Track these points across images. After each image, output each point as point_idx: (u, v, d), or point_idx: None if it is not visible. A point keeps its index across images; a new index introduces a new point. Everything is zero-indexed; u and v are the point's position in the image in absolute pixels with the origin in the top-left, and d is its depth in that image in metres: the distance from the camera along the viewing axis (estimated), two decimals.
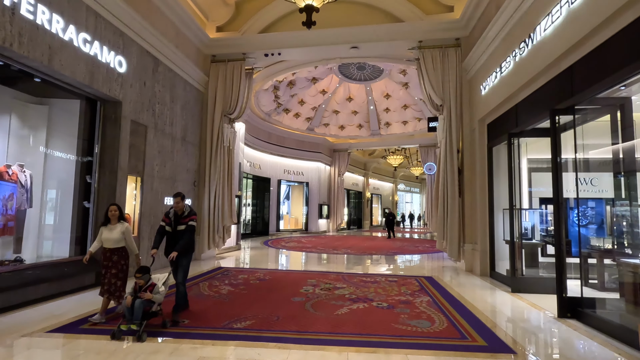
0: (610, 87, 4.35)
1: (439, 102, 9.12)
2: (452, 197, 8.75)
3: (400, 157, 27.86)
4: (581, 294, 4.90)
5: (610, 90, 4.55)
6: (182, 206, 4.78)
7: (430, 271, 8.69)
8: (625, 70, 3.89)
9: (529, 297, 6.00)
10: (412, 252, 12.44)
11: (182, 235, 4.64)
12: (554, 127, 5.00)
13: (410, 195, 42.73)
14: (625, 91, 4.67)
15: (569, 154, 5.41)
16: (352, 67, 17.01)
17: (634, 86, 4.52)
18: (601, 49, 4.30)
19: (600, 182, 7.49)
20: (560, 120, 5.01)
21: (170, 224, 4.75)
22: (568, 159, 5.34)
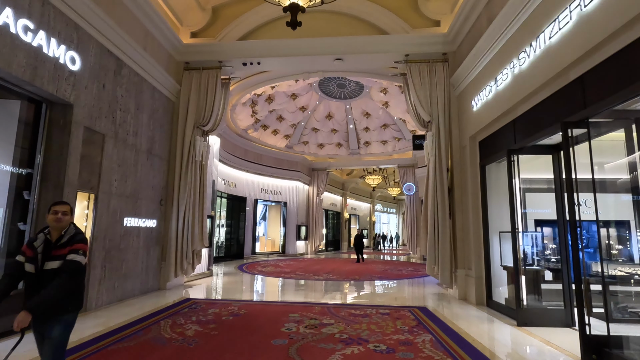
0: (632, 97, 3.89)
1: (427, 118, 8.67)
2: (443, 218, 8.17)
3: (378, 177, 27.56)
4: (607, 331, 4.28)
5: (631, 101, 4.11)
6: (66, 224, 2.72)
7: (422, 299, 7.98)
8: None
9: (538, 331, 5.37)
10: (396, 277, 11.73)
11: (54, 278, 2.54)
12: (566, 141, 4.50)
13: (387, 216, 42.48)
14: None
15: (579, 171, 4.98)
16: (333, 85, 16.62)
17: None
18: (621, 55, 3.87)
19: (606, 203, 7.04)
20: (572, 133, 4.51)
21: (35, 258, 2.63)
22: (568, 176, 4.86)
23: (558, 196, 5.96)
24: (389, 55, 9.00)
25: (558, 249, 7.36)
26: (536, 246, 7.03)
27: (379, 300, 7.83)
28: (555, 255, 7.56)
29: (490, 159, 7.32)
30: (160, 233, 8.48)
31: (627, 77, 3.82)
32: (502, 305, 6.75)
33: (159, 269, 8.36)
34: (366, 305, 7.14)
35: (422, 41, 8.83)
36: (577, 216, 4.43)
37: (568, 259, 5.86)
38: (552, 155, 6.06)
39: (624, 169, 6.43)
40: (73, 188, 5.47)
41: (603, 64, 4.14)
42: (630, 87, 3.76)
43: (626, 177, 7.25)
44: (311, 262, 16.19)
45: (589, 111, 4.38)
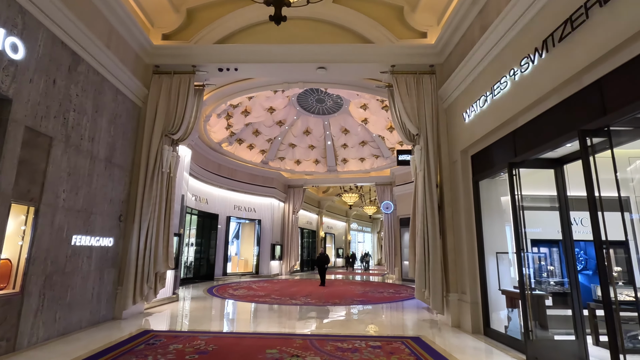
0: None
1: (415, 131, 8.21)
2: (434, 237, 7.61)
3: (355, 195, 27.11)
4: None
5: None
6: None
7: (412, 327, 7.29)
8: None
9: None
10: (379, 300, 11.01)
11: None
12: (585, 151, 4.04)
13: (362, 235, 41.99)
14: None
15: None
16: (311, 99, 16.15)
17: None
18: None
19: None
20: (592, 142, 4.07)
21: None
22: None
23: (563, 214, 5.52)
24: (374, 65, 8.57)
25: (562, 272, 6.90)
26: (540, 269, 6.57)
27: (367, 330, 7.07)
28: (553, 277, 7.13)
29: (484, 174, 6.88)
30: (118, 253, 7.43)
31: None
32: (502, 334, 6.16)
33: (114, 296, 7.27)
34: (354, 336, 6.36)
35: (408, 52, 8.47)
36: (602, 236, 3.92)
37: (577, 282, 5.37)
38: (555, 169, 5.66)
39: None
40: (5, 198, 4.48)
41: (627, 65, 3.75)
42: None
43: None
44: (287, 284, 15.22)
45: (609, 118, 3.96)
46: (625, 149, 7.86)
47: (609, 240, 7.56)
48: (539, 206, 6.75)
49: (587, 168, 4.03)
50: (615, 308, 3.92)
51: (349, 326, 7.28)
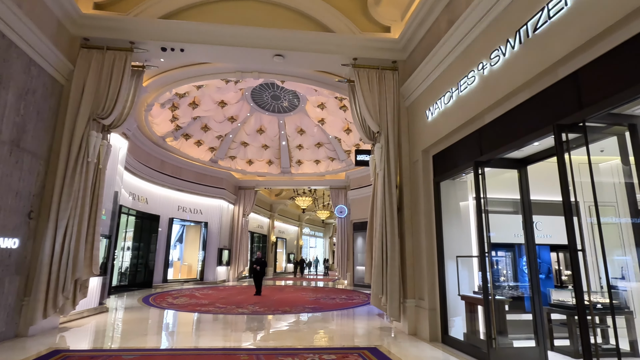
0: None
1: (376, 129, 7.80)
2: (392, 241, 7.21)
3: (309, 199, 26.59)
4: None
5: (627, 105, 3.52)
6: None
7: (368, 337, 6.79)
8: None
9: None
10: (332, 307, 10.46)
11: None
12: (561, 147, 3.77)
13: (314, 240, 41.55)
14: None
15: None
16: (267, 96, 15.40)
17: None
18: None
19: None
20: (568, 137, 3.81)
21: None
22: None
23: (527, 217, 5.31)
24: (335, 57, 8.07)
25: (516, 276, 6.76)
26: (498, 274, 6.37)
27: (320, 341, 6.45)
28: (508, 282, 6.98)
29: (446, 175, 6.60)
30: (25, 258, 6.18)
31: (635, 72, 3.20)
32: (461, 342, 5.85)
33: (18, 309, 6.01)
34: (306, 349, 5.70)
35: (371, 45, 8.08)
36: (577, 239, 3.63)
37: (539, 287, 5.16)
38: (519, 170, 5.47)
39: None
40: None
41: (606, 56, 3.52)
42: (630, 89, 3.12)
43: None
44: (234, 291, 14.21)
45: (585, 113, 3.72)
46: (575, 155, 8.07)
47: (561, 244, 7.60)
48: (495, 210, 6.59)
49: (563, 165, 3.75)
50: (589, 312, 3.65)
51: (301, 337, 6.62)
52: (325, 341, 6.44)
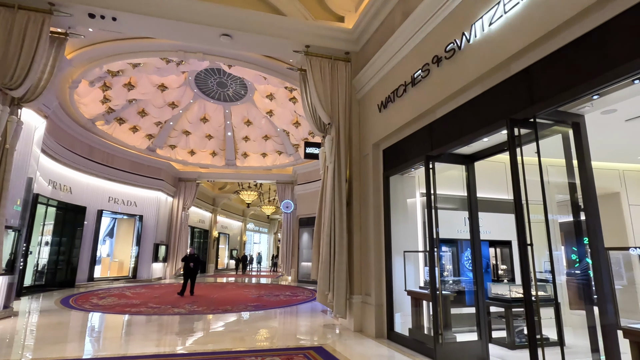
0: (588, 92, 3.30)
1: (327, 121, 7.56)
2: (341, 236, 7.02)
3: (254, 193, 25.87)
4: None
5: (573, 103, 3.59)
6: None
7: (313, 335, 6.53)
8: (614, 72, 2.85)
9: None
10: (275, 304, 10.09)
11: None
12: (513, 141, 3.75)
13: (259, 236, 40.76)
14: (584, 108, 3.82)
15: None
16: (212, 82, 14.54)
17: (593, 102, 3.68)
18: (578, 45, 3.29)
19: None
20: (520, 132, 3.80)
21: None
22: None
23: (473, 213, 5.36)
24: (287, 42, 7.66)
25: (458, 271, 6.88)
26: (442, 269, 6.42)
27: (263, 342, 6.07)
28: (451, 276, 7.12)
29: (396, 169, 6.52)
30: None
31: (584, 70, 3.24)
32: (406, 338, 5.80)
33: None
34: (247, 351, 5.30)
35: (325, 33, 7.79)
36: (527, 235, 3.62)
37: (482, 282, 5.24)
38: (467, 165, 5.51)
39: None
40: None
41: (557, 53, 3.55)
42: (589, 82, 3.16)
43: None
44: (170, 289, 13.26)
45: (536, 108, 3.73)
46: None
47: (498, 240, 7.89)
48: (440, 206, 6.67)
49: (514, 160, 3.73)
50: (536, 305, 3.68)
51: (242, 338, 6.18)
52: (269, 342, 6.07)
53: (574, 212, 3.87)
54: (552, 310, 6.20)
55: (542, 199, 3.66)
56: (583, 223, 3.78)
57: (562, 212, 4.93)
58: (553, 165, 4.20)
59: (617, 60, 3.02)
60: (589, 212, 3.69)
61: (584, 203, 3.75)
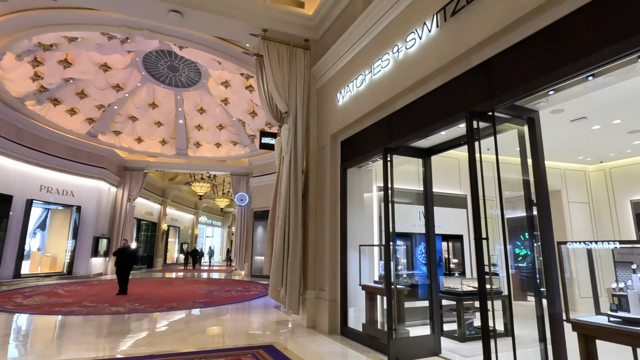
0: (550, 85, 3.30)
1: (284, 109, 7.24)
2: (295, 229, 6.77)
3: (207, 185, 24.87)
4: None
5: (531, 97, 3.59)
6: None
7: (263, 332, 6.25)
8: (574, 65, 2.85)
9: None
10: (226, 301, 9.67)
11: None
12: (472, 134, 3.69)
13: (211, 229, 39.52)
14: (539, 103, 3.85)
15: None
16: (162, 65, 13.62)
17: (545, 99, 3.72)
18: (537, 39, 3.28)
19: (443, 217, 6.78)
20: (479, 125, 3.75)
21: None
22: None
23: (429, 206, 5.34)
24: (243, 23, 7.21)
25: (412, 265, 6.89)
26: (401, 262, 6.38)
27: (209, 341, 5.69)
28: (405, 270, 7.14)
29: (354, 161, 6.37)
30: None
31: (543, 63, 3.23)
32: (360, 333, 5.70)
33: None
34: (191, 353, 4.90)
35: (283, 18, 7.43)
36: (483, 229, 3.58)
37: (436, 276, 5.23)
38: (424, 159, 5.47)
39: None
40: None
41: (518, 45, 3.52)
42: (550, 74, 3.14)
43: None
44: (110, 286, 12.31)
45: (494, 102, 3.70)
46: (464, 152, 8.68)
47: (450, 234, 8.04)
48: (396, 200, 6.64)
49: (472, 153, 3.68)
50: (491, 298, 3.66)
51: (187, 338, 5.75)
52: (216, 341, 5.69)
53: (526, 207, 3.90)
54: (500, 302, 6.40)
55: (498, 193, 3.63)
56: (535, 218, 3.82)
57: (511, 206, 5.03)
58: (507, 162, 4.22)
59: (575, 55, 3.02)
60: (541, 207, 3.72)
61: (537, 198, 3.78)
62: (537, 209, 3.78)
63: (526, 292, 7.07)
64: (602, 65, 2.88)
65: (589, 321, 2.88)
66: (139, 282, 14.01)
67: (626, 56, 2.75)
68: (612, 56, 2.78)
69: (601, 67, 2.89)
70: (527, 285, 6.68)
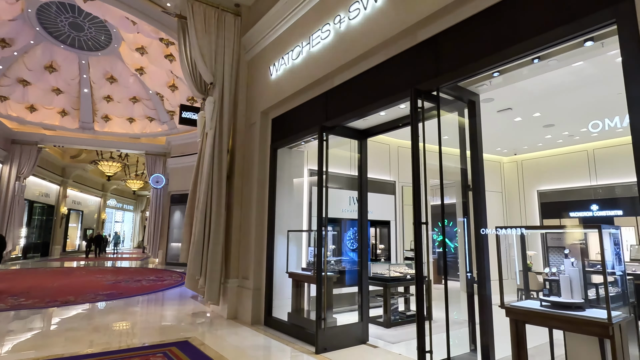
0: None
1: (209, 79, 6.50)
2: (218, 213, 6.16)
3: (117, 164, 22.34)
4: (448, 353, 3.39)
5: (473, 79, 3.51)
6: None
7: (178, 327, 5.58)
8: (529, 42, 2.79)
9: (340, 358, 4.18)
10: (135, 292, 8.64)
11: None
12: (416, 113, 3.49)
13: (122, 214, 36.07)
14: (478, 87, 3.80)
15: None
16: (63, 21, 11.59)
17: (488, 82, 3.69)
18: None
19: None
20: (423, 104, 3.56)
21: None
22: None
23: (363, 191, 5.14)
24: None
25: (345, 251, 6.75)
26: (330, 248, 6.12)
27: (111, 340, 4.87)
28: (333, 256, 6.96)
29: (285, 141, 5.93)
30: None
31: (491, 42, 3.13)
32: (285, 323, 5.36)
33: None
34: (88, 356, 4.10)
35: None
36: (423, 214, 3.42)
37: (367, 263, 5.08)
38: (360, 141, 5.24)
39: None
40: None
41: (467, 22, 3.37)
42: (504, 51, 3.05)
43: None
44: None
45: (440, 80, 3.54)
46: (395, 138, 8.76)
47: (378, 220, 8.05)
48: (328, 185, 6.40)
49: (416, 134, 3.48)
50: (427, 284, 3.54)
51: (83, 338, 4.86)
52: (119, 340, 4.90)
53: (462, 193, 3.85)
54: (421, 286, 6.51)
55: (439, 176, 3.51)
56: (469, 203, 3.78)
57: (445, 192, 5.06)
58: (444, 150, 4.15)
59: (523, 35, 2.93)
60: (477, 191, 3.69)
61: (473, 182, 3.75)
62: (473, 193, 3.75)
63: (446, 276, 7.40)
64: (550, 47, 2.83)
65: (523, 307, 2.87)
66: (28, 273, 12.02)
67: (573, 39, 2.71)
68: (559, 37, 2.73)
69: (548, 48, 2.84)
70: (450, 269, 6.95)
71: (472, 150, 3.76)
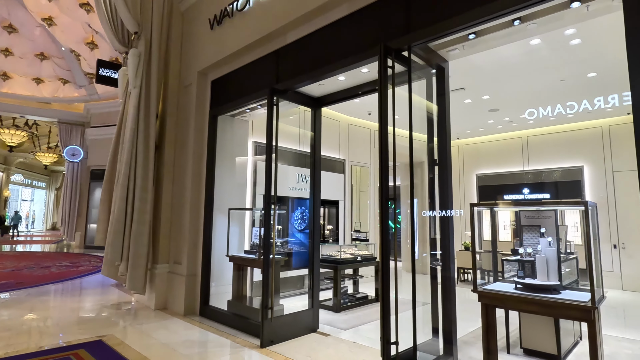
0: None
1: (134, 28, 5.45)
2: (144, 188, 5.25)
3: (22, 133, 19.20)
4: (414, 342, 3.04)
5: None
6: None
7: (93, 322, 4.67)
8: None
9: (289, 351, 3.70)
10: (42, 280, 7.32)
11: None
12: (385, 74, 3.00)
13: (31, 191, 31.83)
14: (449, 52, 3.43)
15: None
16: None
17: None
18: None
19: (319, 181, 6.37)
20: (394, 64, 3.08)
21: None
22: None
23: (316, 165, 4.61)
24: None
25: (293, 232, 6.22)
26: (279, 229, 5.55)
27: (13, 335, 3.87)
28: (280, 238, 6.44)
29: (227, 106, 5.15)
30: None
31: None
32: (224, 313, 4.75)
33: None
34: None
35: None
36: (389, 192, 2.98)
37: (319, 245, 4.61)
38: (314, 110, 4.68)
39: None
40: None
41: None
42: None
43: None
44: None
45: (411, 38, 3.08)
46: (346, 115, 8.33)
47: (327, 199, 7.63)
48: None
49: (385, 98, 3.00)
50: (396, 270, 3.15)
51: None
52: (6, 345, 3.90)
53: (428, 169, 3.51)
54: (372, 268, 6.25)
55: (409, 151, 3.09)
56: (435, 179, 3.45)
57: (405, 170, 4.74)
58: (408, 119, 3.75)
59: None
60: (443, 166, 3.37)
61: (439, 158, 3.42)
62: (439, 168, 3.43)
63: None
64: (533, 5, 2.51)
65: (497, 291, 2.60)
66: None
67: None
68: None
69: (532, 6, 2.52)
70: (396, 249, 6.79)
71: (440, 124, 3.42)
